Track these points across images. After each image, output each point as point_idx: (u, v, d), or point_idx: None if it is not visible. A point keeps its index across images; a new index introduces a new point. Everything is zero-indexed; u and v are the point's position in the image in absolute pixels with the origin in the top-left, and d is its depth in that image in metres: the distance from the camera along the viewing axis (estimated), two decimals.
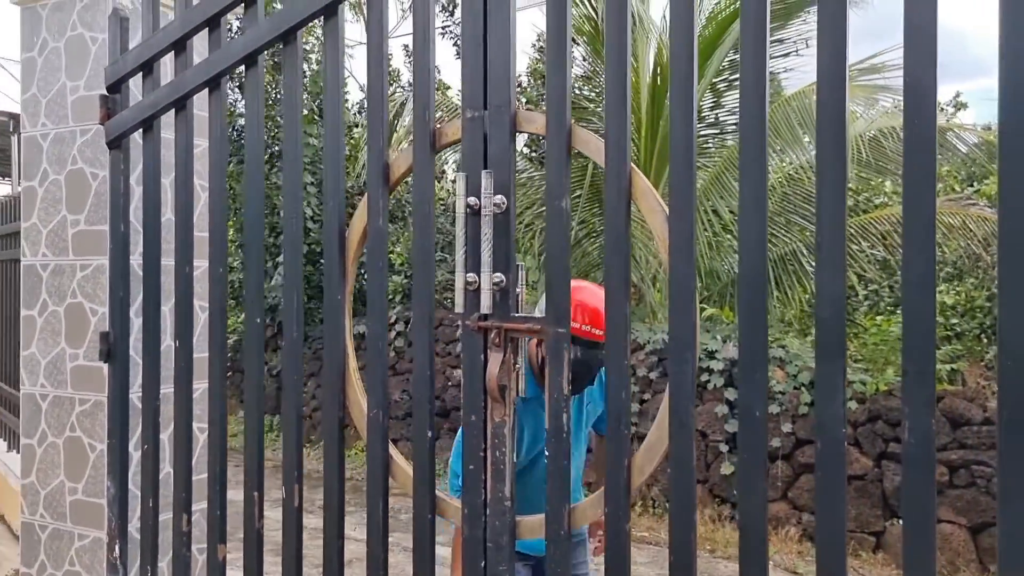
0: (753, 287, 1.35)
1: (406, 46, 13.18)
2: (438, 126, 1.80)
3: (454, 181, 10.48)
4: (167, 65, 2.31)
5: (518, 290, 1.66)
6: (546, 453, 1.61)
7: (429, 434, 1.77)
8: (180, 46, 2.22)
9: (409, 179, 1.90)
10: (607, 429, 1.55)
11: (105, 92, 2.40)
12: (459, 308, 1.67)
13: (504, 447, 1.66)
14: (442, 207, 9.33)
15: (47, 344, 2.59)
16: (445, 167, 9.73)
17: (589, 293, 2.19)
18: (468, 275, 1.65)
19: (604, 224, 1.74)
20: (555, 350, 1.59)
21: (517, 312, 1.65)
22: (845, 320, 1.20)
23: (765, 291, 1.32)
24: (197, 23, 2.16)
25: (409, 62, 13.14)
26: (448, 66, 14.35)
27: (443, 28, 11.16)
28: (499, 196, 1.62)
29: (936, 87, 1.12)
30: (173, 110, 2.24)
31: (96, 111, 2.43)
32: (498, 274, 1.61)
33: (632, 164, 1.53)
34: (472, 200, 1.65)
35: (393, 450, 1.86)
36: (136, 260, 2.37)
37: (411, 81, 12.53)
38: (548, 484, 1.61)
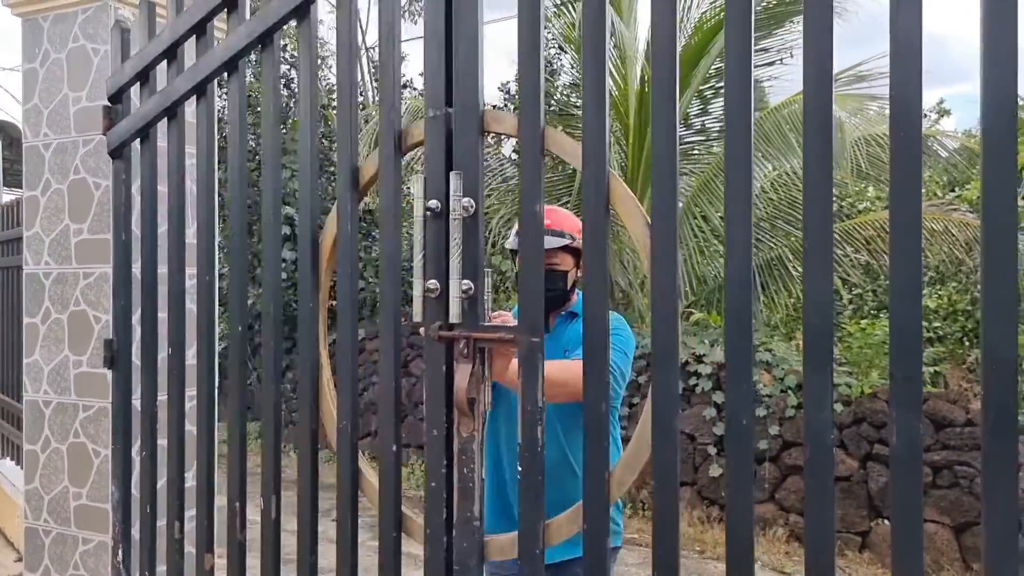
0: (739, 297, 1.31)
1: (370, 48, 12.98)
2: (404, 127, 1.73)
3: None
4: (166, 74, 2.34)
5: (485, 297, 1.58)
6: (519, 468, 1.49)
7: (394, 448, 1.69)
8: (171, 54, 2.21)
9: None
10: (584, 439, 1.43)
11: (107, 103, 2.44)
12: (417, 316, 1.58)
13: (473, 463, 1.55)
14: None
15: (50, 351, 2.62)
16: (419, 168, 9.53)
17: None
18: (430, 282, 1.57)
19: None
20: (529, 360, 1.46)
21: (485, 321, 1.54)
22: (833, 327, 1.19)
23: (750, 301, 1.29)
24: (184, 31, 2.15)
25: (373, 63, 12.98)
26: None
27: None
28: (467, 199, 1.52)
29: (922, 98, 1.12)
30: (166, 118, 2.22)
31: (98, 121, 2.46)
32: (467, 281, 1.52)
33: (610, 169, 1.46)
34: (433, 203, 1.57)
35: (363, 462, 1.80)
36: (140, 268, 2.40)
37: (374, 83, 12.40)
38: (522, 501, 1.48)
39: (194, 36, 2.17)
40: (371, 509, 1.76)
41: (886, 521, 5.06)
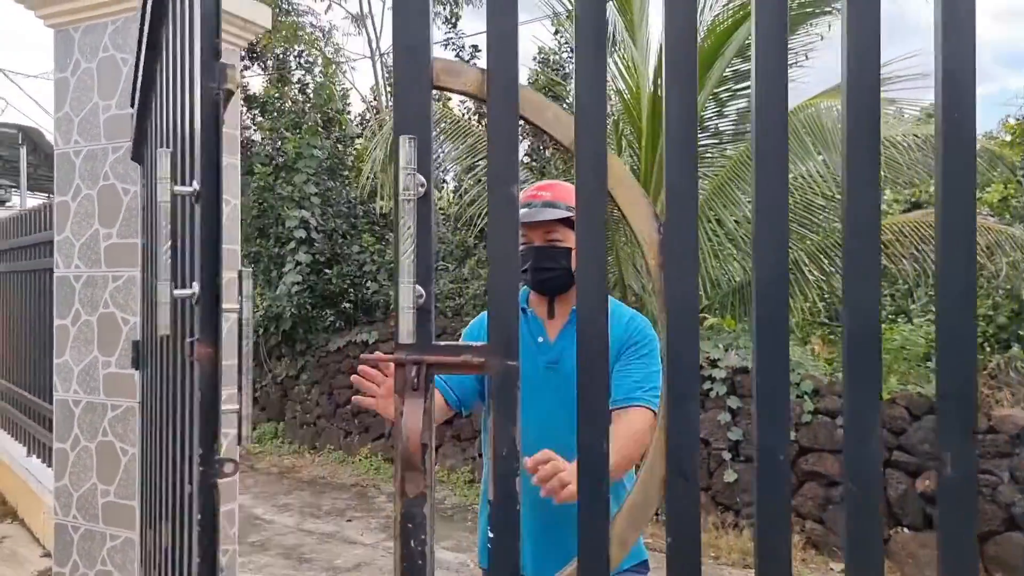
0: (772, 314, 1.05)
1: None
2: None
3: (445, 185, 10.19)
4: None
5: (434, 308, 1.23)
6: (482, 523, 1.14)
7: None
8: (151, 47, 2.11)
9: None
10: (578, 480, 1.08)
11: (133, 110, 2.50)
12: (163, 330, 1.28)
13: (424, 532, 1.11)
14: (442, 216, 9.38)
15: (80, 352, 2.69)
16: (441, 164, 8.91)
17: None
18: (189, 287, 1.25)
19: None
20: (504, 391, 1.09)
21: (435, 339, 1.13)
22: (880, 340, 1.01)
23: (787, 325, 1.05)
24: (140, 23, 2.10)
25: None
26: None
27: (446, 41, 11.28)
28: (419, 176, 1.09)
29: (975, 78, 1.00)
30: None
31: (127, 129, 2.53)
32: (419, 287, 1.08)
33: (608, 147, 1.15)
34: (195, 186, 1.24)
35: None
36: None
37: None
38: (492, 563, 1.10)
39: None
40: (384, 510, 1.75)
41: (905, 529, 5.05)
